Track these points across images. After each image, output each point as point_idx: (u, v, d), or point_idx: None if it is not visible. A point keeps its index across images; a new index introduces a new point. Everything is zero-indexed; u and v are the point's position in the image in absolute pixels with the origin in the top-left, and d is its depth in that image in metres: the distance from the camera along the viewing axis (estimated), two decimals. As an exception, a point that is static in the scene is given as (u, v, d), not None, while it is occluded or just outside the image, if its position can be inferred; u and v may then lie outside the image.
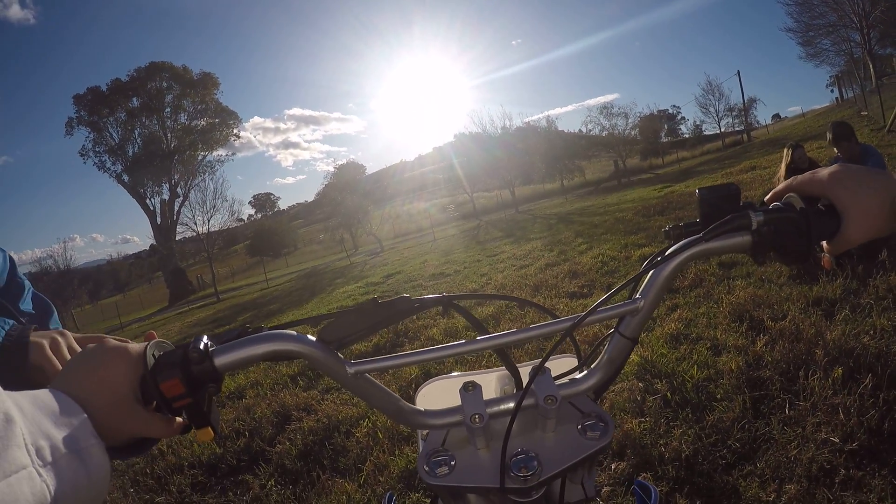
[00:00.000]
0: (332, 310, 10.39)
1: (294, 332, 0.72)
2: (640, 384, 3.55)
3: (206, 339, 0.69)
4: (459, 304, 0.84)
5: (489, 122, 41.11)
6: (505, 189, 37.54)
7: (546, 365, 0.76)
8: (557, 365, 0.91)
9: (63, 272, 45.24)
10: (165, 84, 47.98)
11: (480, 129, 38.64)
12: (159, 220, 47.09)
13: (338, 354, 0.74)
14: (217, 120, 50.06)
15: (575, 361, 0.93)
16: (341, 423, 4.05)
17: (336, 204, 36.74)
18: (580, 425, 0.74)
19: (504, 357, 0.83)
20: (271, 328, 0.73)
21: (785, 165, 5.87)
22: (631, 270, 7.32)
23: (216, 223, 36.66)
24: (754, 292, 4.80)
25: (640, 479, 1.30)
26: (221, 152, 50.38)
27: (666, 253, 0.77)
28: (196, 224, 36.17)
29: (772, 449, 2.66)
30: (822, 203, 0.76)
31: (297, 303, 15.51)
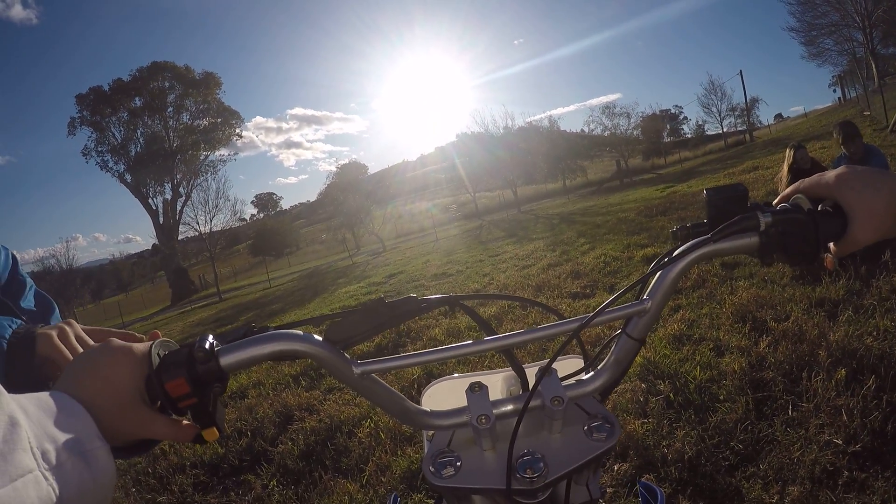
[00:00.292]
0: (335, 309, 10.42)
1: (300, 332, 0.71)
2: (643, 385, 3.54)
3: (212, 339, 0.68)
4: (466, 305, 0.83)
5: (491, 122, 41.25)
6: (507, 189, 37.48)
7: (552, 366, 0.75)
8: (563, 366, 0.90)
9: (66, 271, 45.34)
10: (168, 84, 48.11)
11: (483, 129, 38.63)
12: (162, 220, 47.19)
13: (344, 354, 0.74)
14: (219, 119, 50.18)
15: (581, 362, 0.93)
16: (343, 424, 4.06)
17: (338, 204, 36.74)
18: (586, 426, 0.73)
19: (510, 358, 0.83)
20: (277, 328, 0.73)
21: (787, 166, 5.86)
22: (633, 271, 7.32)
23: (218, 223, 36.69)
24: (757, 293, 4.79)
25: (644, 481, 1.30)
26: (224, 152, 50.59)
27: (674, 254, 0.77)
28: (198, 224, 36.22)
29: (775, 450, 2.65)
30: (829, 205, 0.76)
31: (300, 303, 15.52)
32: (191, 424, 0.68)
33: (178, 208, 45.98)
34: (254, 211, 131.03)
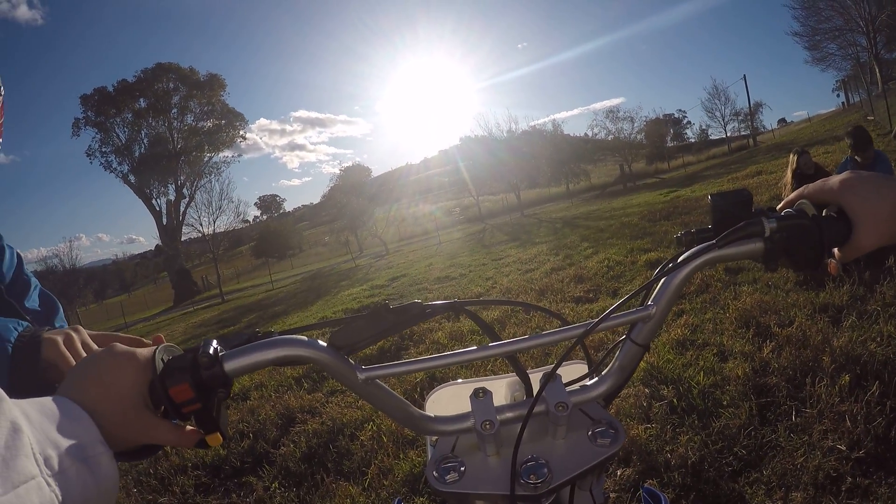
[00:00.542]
0: (338, 312, 10.43)
1: (305, 338, 0.71)
2: (647, 390, 3.54)
3: (216, 344, 0.67)
4: (470, 311, 0.83)
5: (495, 126, 41.16)
6: (510, 193, 37.48)
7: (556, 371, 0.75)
8: (567, 371, 0.90)
9: (68, 271, 45.56)
10: (172, 85, 48.19)
11: (486, 133, 38.60)
12: (165, 221, 47.23)
13: (349, 360, 0.73)
14: (223, 121, 50.24)
15: (584, 368, 0.93)
16: (346, 426, 4.05)
17: (341, 206, 36.77)
18: (590, 432, 0.73)
19: (515, 363, 0.83)
20: (281, 333, 0.73)
21: (791, 171, 5.86)
22: (637, 275, 7.31)
23: (222, 224, 36.87)
24: (761, 298, 4.78)
25: (648, 486, 1.30)
26: (227, 153, 50.59)
27: (678, 259, 0.77)
28: (202, 225, 36.38)
29: (778, 456, 2.64)
30: (833, 210, 0.76)
31: (302, 305, 15.52)
32: (194, 429, 0.67)
33: (182, 209, 46.07)
34: (257, 213, 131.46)
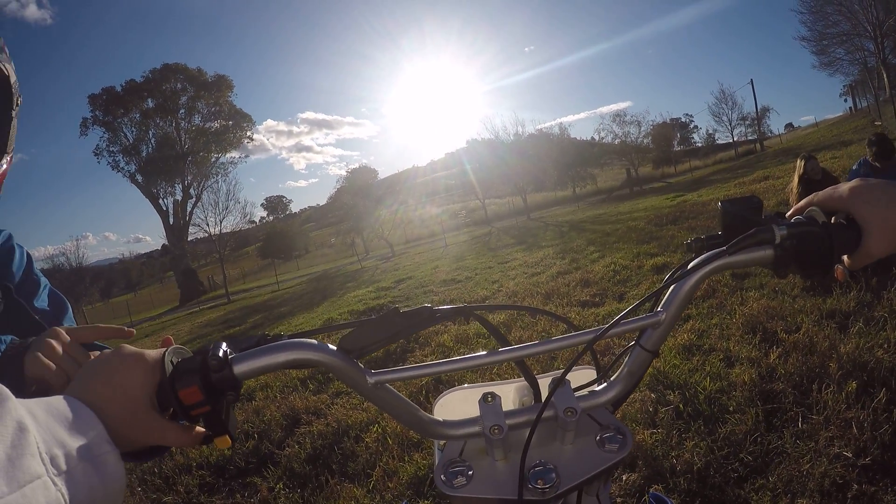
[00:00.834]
0: (344, 314, 10.43)
1: (314, 341, 0.71)
2: (653, 395, 3.53)
3: (225, 346, 0.67)
4: (480, 315, 0.83)
5: (501, 129, 41.10)
6: (517, 196, 37.44)
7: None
8: (575, 376, 0.90)
9: (75, 270, 45.77)
10: (180, 86, 48.32)
11: (493, 136, 38.66)
12: (172, 221, 47.34)
13: (358, 364, 0.73)
14: (231, 122, 50.31)
15: (593, 373, 0.93)
16: (351, 428, 4.06)
17: (348, 208, 36.79)
18: (598, 437, 0.74)
19: (524, 368, 0.83)
20: (290, 336, 0.73)
21: (798, 176, 5.85)
22: (643, 280, 7.29)
23: (228, 225, 36.83)
24: (768, 304, 4.77)
25: (655, 492, 1.29)
26: (234, 154, 50.65)
27: (688, 266, 0.77)
28: (208, 225, 36.36)
29: (784, 462, 2.63)
30: (843, 217, 0.76)
31: (308, 306, 15.51)
32: (202, 431, 0.67)
33: (189, 209, 46.13)
34: (263, 213, 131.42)
